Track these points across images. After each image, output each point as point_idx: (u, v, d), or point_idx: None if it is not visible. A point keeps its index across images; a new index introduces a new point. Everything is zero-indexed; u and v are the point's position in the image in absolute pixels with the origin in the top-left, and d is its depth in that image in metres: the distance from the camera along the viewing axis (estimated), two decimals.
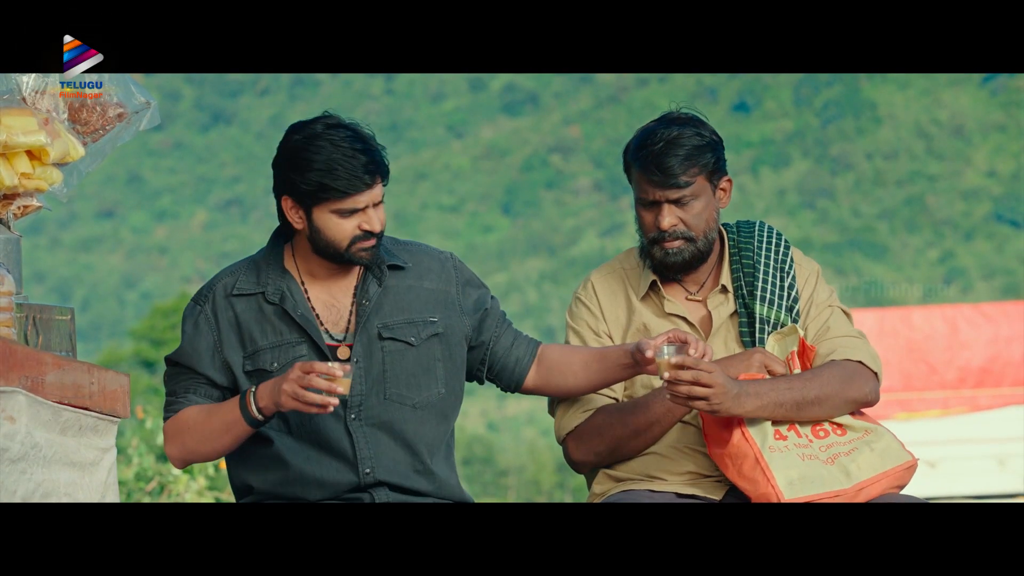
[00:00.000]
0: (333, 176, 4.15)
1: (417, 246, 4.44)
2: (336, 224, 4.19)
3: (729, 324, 4.42)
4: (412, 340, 4.29)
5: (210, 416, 4.21)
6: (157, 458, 12.44)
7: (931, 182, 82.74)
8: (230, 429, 4.17)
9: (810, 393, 4.23)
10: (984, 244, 78.50)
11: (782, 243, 4.47)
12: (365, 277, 4.31)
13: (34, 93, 4.09)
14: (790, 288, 4.42)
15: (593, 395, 4.42)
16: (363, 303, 4.28)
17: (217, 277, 4.36)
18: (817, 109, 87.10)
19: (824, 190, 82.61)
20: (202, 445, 4.23)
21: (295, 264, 4.32)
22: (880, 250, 79.18)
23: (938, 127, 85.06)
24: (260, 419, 4.13)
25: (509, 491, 44.50)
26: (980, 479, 16.00)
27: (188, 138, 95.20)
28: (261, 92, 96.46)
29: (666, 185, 4.34)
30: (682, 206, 4.36)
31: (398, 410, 4.26)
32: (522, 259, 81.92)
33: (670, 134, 4.36)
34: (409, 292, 4.33)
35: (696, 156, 4.34)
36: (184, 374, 4.30)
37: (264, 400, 4.11)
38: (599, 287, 4.51)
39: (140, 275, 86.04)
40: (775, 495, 4.12)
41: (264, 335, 4.25)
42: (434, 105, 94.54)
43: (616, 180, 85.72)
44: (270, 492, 4.27)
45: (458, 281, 4.40)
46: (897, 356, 16.50)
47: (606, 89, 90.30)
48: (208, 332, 4.28)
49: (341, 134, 4.18)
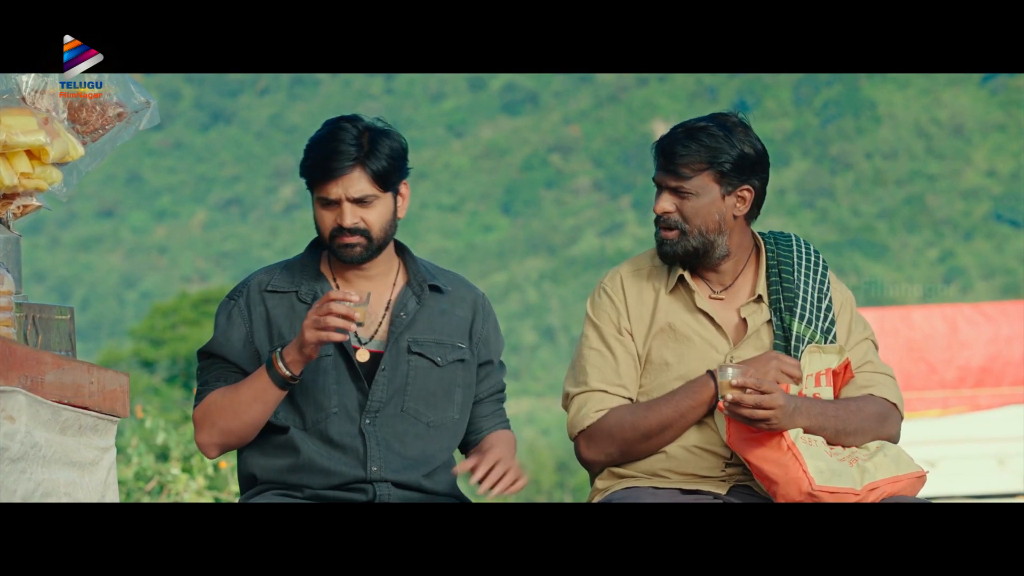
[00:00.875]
0: (308, 160, 4.26)
1: (455, 276, 4.51)
2: (320, 214, 4.29)
3: (761, 333, 4.41)
4: (439, 360, 4.35)
5: (238, 390, 4.26)
6: (156, 458, 12.44)
7: (931, 181, 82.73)
8: (259, 396, 4.22)
9: (851, 425, 4.32)
10: (984, 244, 78.49)
11: (820, 263, 4.48)
12: (404, 292, 4.36)
13: (34, 92, 4.09)
14: (827, 311, 4.43)
15: (605, 394, 4.41)
16: (400, 315, 4.33)
17: (252, 275, 4.43)
18: (817, 108, 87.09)
19: (824, 189, 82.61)
20: (233, 421, 4.26)
21: (330, 268, 4.38)
22: (880, 249, 79.16)
23: (938, 126, 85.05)
24: (288, 375, 4.17)
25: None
26: (980, 479, 15.99)
27: (188, 137, 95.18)
28: (261, 91, 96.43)
29: (667, 170, 4.35)
30: (681, 197, 4.35)
31: (412, 424, 4.30)
32: (522, 259, 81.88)
33: (696, 124, 4.36)
34: (443, 315, 4.40)
35: (706, 153, 4.33)
36: (216, 365, 4.36)
37: (291, 354, 4.17)
38: (627, 280, 4.48)
39: (140, 275, 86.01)
40: (806, 480, 4.16)
41: (293, 332, 4.30)
42: (434, 104, 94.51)
43: (616, 180, 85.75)
44: (275, 480, 4.29)
45: (484, 321, 4.46)
46: (897, 356, 16.49)
47: (606, 88, 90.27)
48: (241, 323, 4.34)
49: (348, 126, 4.24)
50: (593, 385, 4.42)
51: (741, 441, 4.25)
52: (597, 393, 4.41)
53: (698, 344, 4.40)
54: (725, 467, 4.37)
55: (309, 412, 4.27)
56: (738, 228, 4.40)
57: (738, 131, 4.37)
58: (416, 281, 4.38)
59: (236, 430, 4.27)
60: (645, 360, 4.43)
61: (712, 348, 4.39)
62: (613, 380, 4.41)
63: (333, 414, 4.26)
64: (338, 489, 4.25)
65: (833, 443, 4.29)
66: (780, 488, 4.20)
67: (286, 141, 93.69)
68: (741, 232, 4.42)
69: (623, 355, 4.42)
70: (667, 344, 4.41)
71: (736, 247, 4.42)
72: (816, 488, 4.15)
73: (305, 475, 4.27)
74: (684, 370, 4.38)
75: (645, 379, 4.42)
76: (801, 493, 4.16)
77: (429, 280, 4.40)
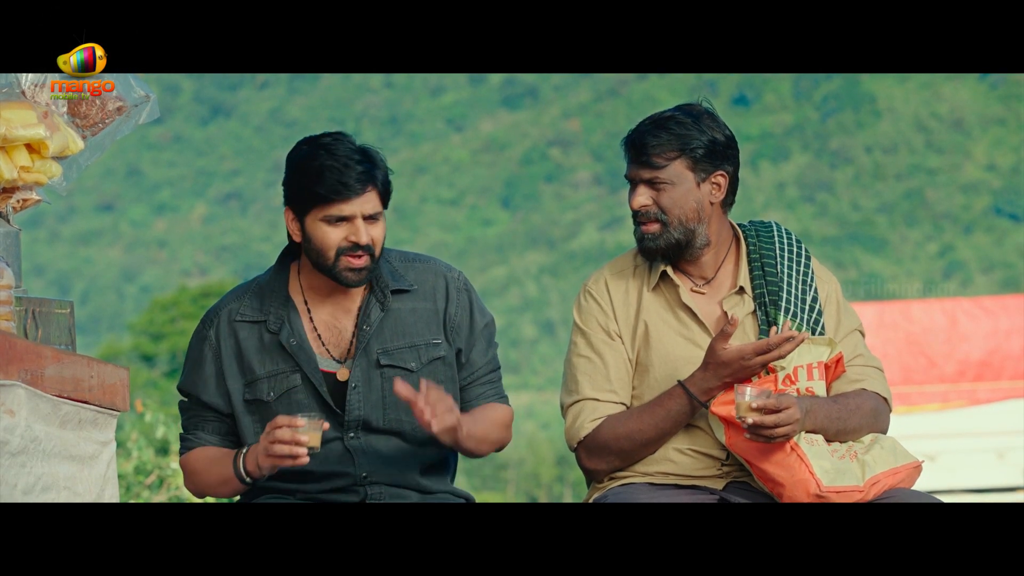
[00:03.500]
0: (321, 179, 4.14)
1: (426, 263, 4.40)
2: (324, 232, 4.17)
3: (745, 326, 4.40)
4: (412, 366, 4.27)
5: (211, 466, 4.27)
6: (156, 451, 12.44)
7: (930, 176, 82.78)
8: (227, 483, 4.24)
9: (851, 424, 4.31)
10: (983, 237, 78.54)
11: (803, 253, 4.44)
12: (368, 300, 4.29)
13: (33, 87, 4.09)
14: (813, 302, 4.40)
15: (598, 402, 4.38)
16: (364, 328, 4.26)
17: (224, 300, 4.37)
18: (816, 103, 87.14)
19: (823, 184, 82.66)
20: (208, 490, 4.32)
21: (300, 285, 4.31)
22: (879, 244, 79.22)
23: (938, 121, 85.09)
24: (248, 481, 4.18)
25: (508, 484, 44.57)
26: (979, 472, 16.01)
27: (187, 131, 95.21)
28: (260, 86, 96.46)
29: (639, 163, 4.33)
30: (656, 188, 4.34)
31: (396, 434, 4.27)
32: (521, 252, 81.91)
33: (662, 115, 4.35)
34: (412, 315, 4.31)
35: (677, 141, 4.31)
36: (192, 408, 4.34)
37: (250, 463, 4.15)
38: (612, 282, 4.45)
39: (139, 268, 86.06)
40: (814, 482, 4.15)
41: (263, 364, 4.26)
42: (433, 99, 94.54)
43: (616, 173, 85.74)
44: (267, 487, 4.28)
45: (457, 306, 4.35)
46: (896, 350, 16.51)
47: (605, 83, 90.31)
48: (212, 359, 4.30)
49: (342, 145, 4.18)
50: (585, 394, 4.39)
51: (742, 443, 4.23)
52: (590, 402, 4.39)
53: (682, 342, 4.38)
54: (721, 466, 4.37)
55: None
56: (716, 216, 4.39)
57: (705, 118, 4.37)
58: (379, 287, 4.28)
59: (213, 495, 4.36)
60: (636, 362, 4.41)
61: (693, 344, 4.38)
62: (604, 387, 4.39)
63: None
64: (332, 493, 4.24)
65: (831, 441, 4.29)
66: (787, 490, 4.18)
67: (286, 135, 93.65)
68: (719, 221, 4.41)
69: (612, 360, 4.40)
70: (651, 344, 4.39)
71: (715, 236, 4.40)
72: (824, 490, 4.14)
73: (298, 481, 4.25)
74: (669, 369, 4.36)
75: (636, 380, 4.41)
76: (809, 495, 4.15)
77: (393, 284, 4.29)
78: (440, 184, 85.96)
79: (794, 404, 4.12)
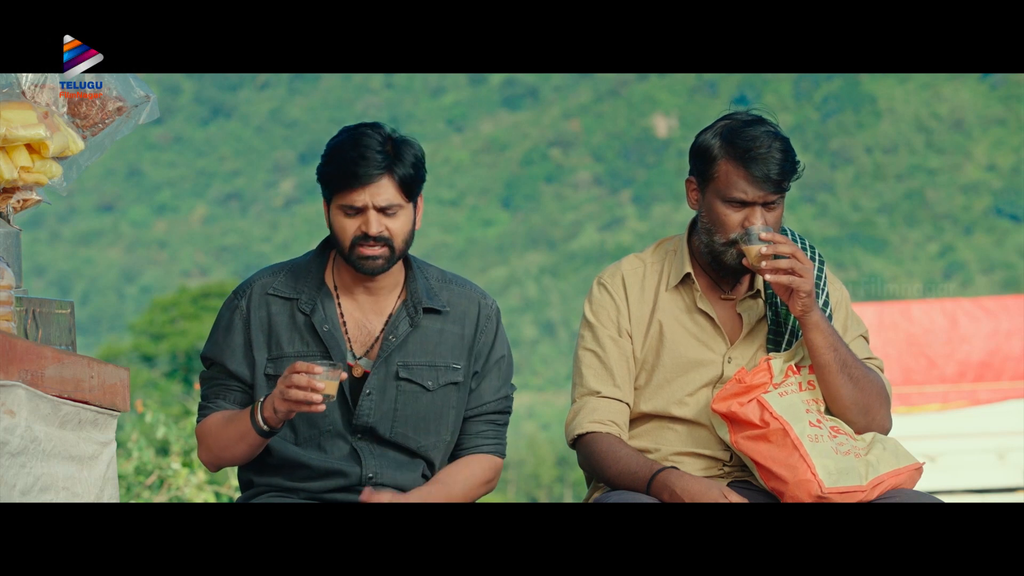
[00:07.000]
0: (336, 167, 4.17)
1: (463, 286, 4.42)
2: (340, 222, 4.20)
3: (756, 329, 4.41)
4: (429, 384, 4.30)
5: (227, 425, 4.24)
6: (157, 452, 12.44)
7: (931, 176, 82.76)
8: (243, 438, 4.20)
9: (856, 371, 4.28)
10: (984, 238, 78.52)
11: (817, 258, 4.46)
12: (400, 311, 4.31)
13: (33, 87, 4.09)
14: (824, 306, 4.41)
15: (599, 397, 4.37)
16: (389, 338, 4.28)
17: (258, 274, 4.39)
18: (817, 103, 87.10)
19: (824, 184, 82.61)
20: (223, 452, 4.27)
21: (333, 275, 4.33)
22: (880, 244, 79.20)
23: (938, 121, 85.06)
24: (266, 429, 4.15)
25: (509, 485, 44.55)
26: (980, 473, 16.00)
27: (188, 132, 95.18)
28: (261, 86, 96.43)
29: (775, 187, 4.27)
30: (770, 210, 4.31)
31: (402, 448, 4.29)
32: (522, 253, 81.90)
33: (777, 134, 4.30)
34: (439, 335, 4.34)
35: (795, 163, 4.32)
36: (216, 378, 4.33)
37: (268, 411, 4.13)
38: (630, 278, 4.45)
39: (140, 269, 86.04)
40: (816, 483, 4.14)
41: (291, 343, 4.27)
42: (434, 99, 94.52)
43: (616, 174, 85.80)
44: (271, 484, 4.29)
45: (486, 337, 4.38)
46: (896, 350, 16.50)
47: (606, 83, 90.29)
48: (241, 329, 4.30)
49: (369, 136, 4.18)
50: (589, 387, 4.40)
51: (745, 440, 4.24)
52: (592, 398, 4.39)
53: (695, 344, 4.39)
54: (723, 467, 4.37)
55: (303, 429, 4.27)
56: None
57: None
58: (412, 302, 4.31)
59: (227, 459, 4.31)
60: (642, 360, 4.41)
61: (707, 348, 4.38)
62: (608, 381, 4.39)
63: (326, 431, 4.26)
64: (335, 492, 4.25)
65: (832, 391, 4.26)
66: (789, 489, 4.18)
67: (286, 136, 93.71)
68: None
69: (617, 356, 4.40)
70: (664, 344, 4.39)
71: None
72: (826, 491, 4.14)
73: (302, 480, 4.26)
74: (679, 371, 4.36)
75: (643, 378, 4.41)
76: (811, 496, 4.15)
77: (427, 302, 4.31)
78: (440, 185, 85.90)
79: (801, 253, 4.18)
